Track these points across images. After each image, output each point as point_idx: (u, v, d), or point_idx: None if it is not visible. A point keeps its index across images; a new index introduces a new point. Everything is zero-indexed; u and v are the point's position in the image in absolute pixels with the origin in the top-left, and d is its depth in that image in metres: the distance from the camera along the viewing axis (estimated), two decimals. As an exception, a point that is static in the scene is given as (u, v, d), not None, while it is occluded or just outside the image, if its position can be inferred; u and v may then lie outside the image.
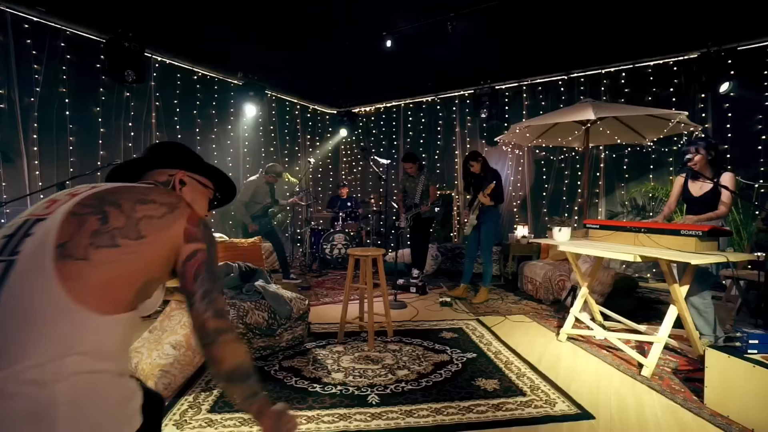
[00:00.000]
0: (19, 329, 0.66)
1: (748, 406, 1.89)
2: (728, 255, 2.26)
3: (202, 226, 0.92)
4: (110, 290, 0.75)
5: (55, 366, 0.65)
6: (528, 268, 4.65)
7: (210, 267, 0.89)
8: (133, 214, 0.81)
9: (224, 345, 0.84)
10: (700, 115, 5.13)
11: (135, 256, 0.79)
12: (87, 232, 0.75)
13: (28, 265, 0.71)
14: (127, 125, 5.08)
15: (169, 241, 0.85)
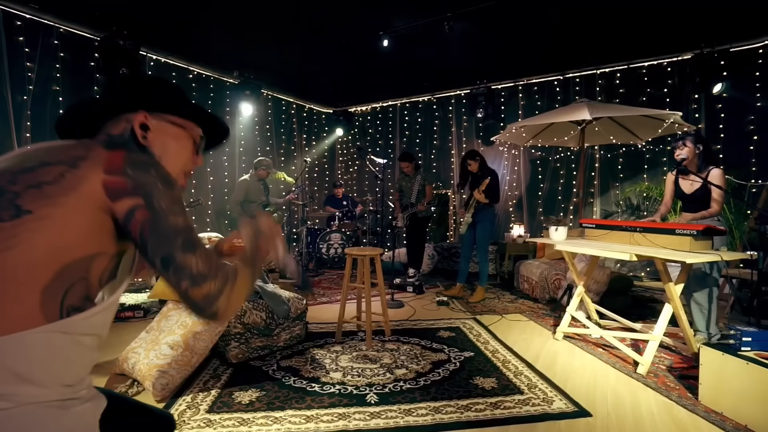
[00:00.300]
0: None
1: (741, 402, 1.92)
2: (722, 254, 2.29)
3: (130, 172, 0.66)
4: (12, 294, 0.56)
5: None
6: (524, 267, 4.68)
7: (157, 226, 0.65)
8: (13, 188, 0.60)
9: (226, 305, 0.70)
10: (694, 116, 5.19)
11: (17, 239, 0.57)
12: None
13: None
14: (122, 124, 5.03)
15: (79, 206, 0.63)
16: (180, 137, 0.86)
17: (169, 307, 2.56)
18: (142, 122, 0.80)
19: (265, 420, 1.91)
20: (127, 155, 0.69)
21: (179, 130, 0.86)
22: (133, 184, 0.66)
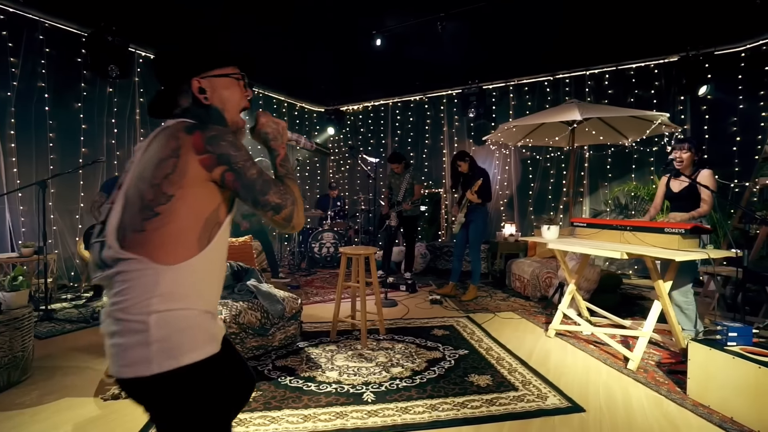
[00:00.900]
0: (122, 282, 0.88)
1: (727, 395, 1.98)
2: (709, 252, 2.36)
3: (209, 146, 0.91)
4: (167, 247, 0.88)
5: (144, 305, 0.86)
6: (516, 266, 4.74)
7: (243, 179, 0.93)
8: (155, 182, 0.89)
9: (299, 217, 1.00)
10: (680, 117, 5.31)
11: (175, 214, 0.89)
12: (135, 212, 0.90)
13: (109, 238, 0.91)
14: (110, 122, 4.95)
15: (196, 182, 0.90)
16: (228, 85, 1.06)
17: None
18: (198, 87, 1.01)
19: (262, 420, 1.91)
20: (202, 135, 0.91)
21: (225, 80, 1.05)
22: (215, 156, 0.91)
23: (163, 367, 0.85)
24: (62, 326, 3.29)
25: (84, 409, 2.02)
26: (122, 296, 0.87)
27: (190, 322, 0.90)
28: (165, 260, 0.88)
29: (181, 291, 0.89)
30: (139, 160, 0.95)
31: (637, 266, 5.57)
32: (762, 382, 1.84)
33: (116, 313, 0.87)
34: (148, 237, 0.88)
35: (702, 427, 1.87)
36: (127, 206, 0.92)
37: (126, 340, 0.85)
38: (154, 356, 0.85)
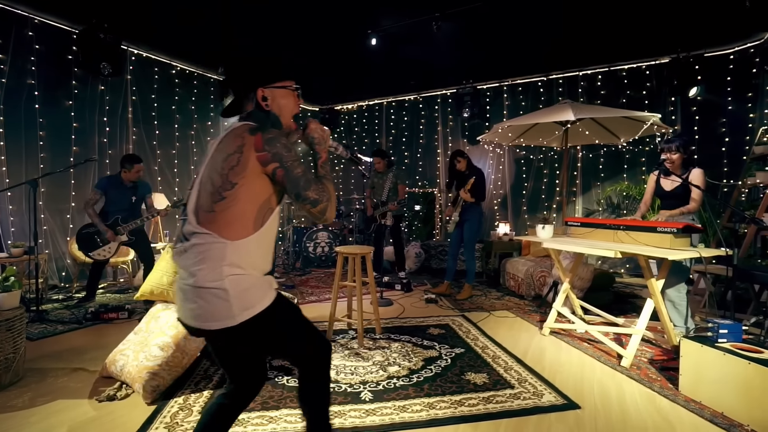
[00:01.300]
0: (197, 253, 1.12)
1: (718, 391, 2.02)
2: (700, 250, 2.40)
3: (267, 146, 1.15)
4: (232, 226, 1.13)
5: (218, 273, 1.10)
6: (510, 265, 4.77)
7: (290, 176, 1.17)
8: (223, 172, 1.14)
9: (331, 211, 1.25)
10: (670, 118, 5.39)
11: (237, 199, 1.13)
12: (208, 194, 1.15)
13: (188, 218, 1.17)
14: (102, 120, 4.89)
15: (254, 174, 1.14)
16: (286, 95, 1.30)
17: (158, 308, 2.51)
18: (262, 95, 1.26)
19: (260, 420, 1.90)
20: (262, 137, 1.15)
21: (283, 90, 1.30)
22: (270, 155, 1.15)
23: (244, 317, 1.12)
24: (54, 327, 3.24)
25: (78, 410, 2.00)
26: (198, 266, 1.11)
27: (252, 282, 1.16)
28: (229, 236, 1.12)
29: (242, 261, 1.13)
30: (212, 155, 1.19)
31: (629, 264, 5.65)
32: (751, 378, 1.88)
33: (196, 283, 1.11)
34: (216, 216, 1.13)
35: (694, 423, 1.91)
36: (201, 191, 1.17)
37: (209, 302, 1.10)
38: (236, 311, 1.11)
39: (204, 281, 1.09)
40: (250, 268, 1.15)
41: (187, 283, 1.12)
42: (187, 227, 1.15)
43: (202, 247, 1.11)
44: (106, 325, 3.34)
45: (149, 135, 5.38)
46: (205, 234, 1.12)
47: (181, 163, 5.81)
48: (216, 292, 1.09)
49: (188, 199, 1.20)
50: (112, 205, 3.78)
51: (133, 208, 3.88)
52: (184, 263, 1.14)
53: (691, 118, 5.35)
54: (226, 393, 1.31)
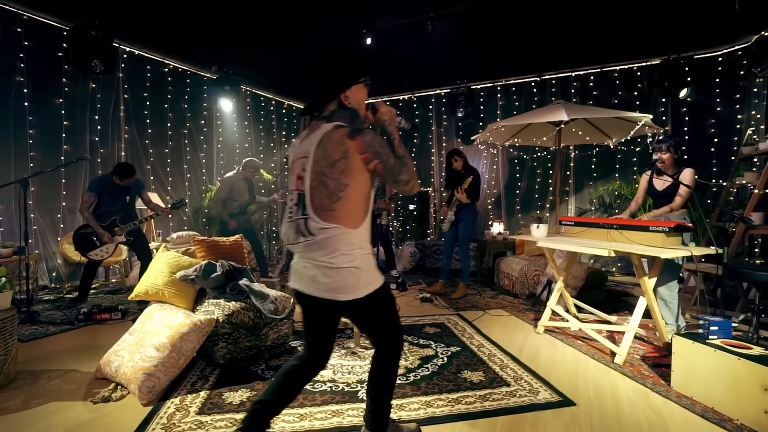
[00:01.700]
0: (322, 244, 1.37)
1: (709, 386, 2.06)
2: (692, 249, 2.44)
3: (368, 149, 1.35)
4: (351, 217, 1.37)
5: (349, 256, 1.37)
6: (504, 264, 4.81)
7: (387, 167, 1.39)
8: (333, 176, 1.34)
9: (417, 186, 1.49)
10: (661, 119, 5.47)
11: (350, 196, 1.36)
12: (325, 196, 1.36)
13: (311, 218, 1.38)
14: (93, 118, 4.83)
15: (359, 172, 1.36)
16: (360, 89, 1.48)
17: (153, 308, 2.50)
18: (345, 95, 1.44)
19: (258, 420, 1.90)
20: (361, 140, 1.34)
21: (360, 86, 1.47)
22: (372, 154, 1.36)
23: (368, 291, 1.41)
24: (45, 329, 3.20)
25: (73, 412, 1.98)
26: (333, 253, 1.36)
27: (371, 262, 1.44)
28: (351, 225, 1.38)
29: (363, 243, 1.42)
30: (314, 161, 1.36)
31: (620, 263, 5.72)
32: (741, 374, 1.92)
33: (331, 265, 1.35)
34: (337, 213, 1.36)
35: (686, 418, 1.95)
36: (314, 194, 1.37)
37: (344, 277, 1.36)
38: (362, 285, 1.40)
39: (341, 263, 1.36)
40: (368, 248, 1.44)
41: (319, 265, 1.37)
42: (313, 224, 1.37)
43: (332, 239, 1.35)
44: (99, 326, 3.31)
45: (141, 134, 5.32)
46: (332, 228, 1.35)
47: (173, 163, 5.76)
48: (351, 270, 1.37)
49: (297, 203, 1.42)
50: (107, 207, 3.75)
51: (128, 207, 3.85)
52: (314, 253, 1.38)
53: (681, 119, 5.44)
54: (301, 360, 1.55)
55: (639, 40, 5.00)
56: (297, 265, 1.45)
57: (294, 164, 1.45)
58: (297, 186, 1.40)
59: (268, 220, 7.00)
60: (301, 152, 1.42)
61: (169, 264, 2.67)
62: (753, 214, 3.78)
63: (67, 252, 4.27)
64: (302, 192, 1.38)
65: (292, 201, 1.44)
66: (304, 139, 1.45)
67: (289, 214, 1.44)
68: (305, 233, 1.38)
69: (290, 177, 1.48)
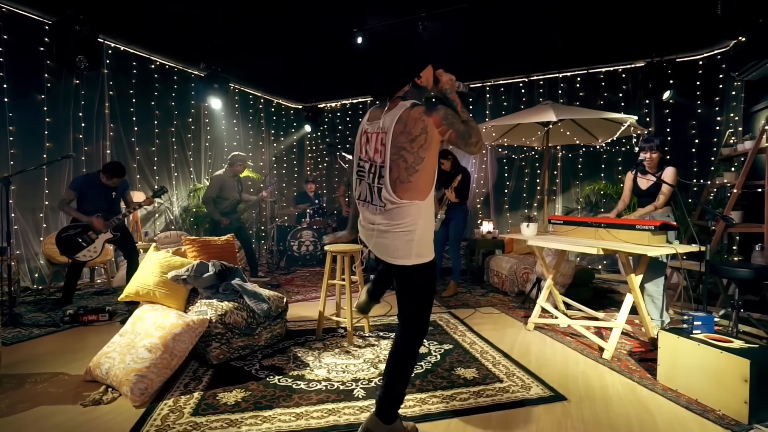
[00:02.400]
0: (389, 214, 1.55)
1: (693, 379, 2.14)
2: (677, 247, 2.52)
3: (442, 120, 1.49)
4: (422, 188, 1.54)
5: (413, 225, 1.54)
6: (494, 262, 4.87)
7: (458, 133, 1.52)
8: (413, 151, 1.49)
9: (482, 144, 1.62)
10: (645, 120, 5.61)
11: (425, 168, 1.51)
12: (403, 169, 1.51)
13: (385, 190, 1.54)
14: (77, 115, 4.71)
15: (435, 145, 1.52)
16: (429, 69, 1.62)
17: (144, 308, 2.46)
18: (414, 82, 1.59)
19: (254, 420, 1.89)
20: (437, 115, 1.49)
21: (429, 66, 1.62)
22: (446, 126, 1.51)
23: (416, 261, 1.56)
24: (29, 331, 3.12)
25: (63, 416, 1.94)
26: (400, 220, 1.53)
27: (428, 235, 1.59)
28: (420, 198, 1.54)
29: (429, 215, 1.58)
30: (393, 138, 1.50)
31: (606, 261, 5.85)
32: (723, 366, 1.99)
33: (395, 228, 1.54)
34: (412, 185, 1.52)
35: (671, 410, 2.02)
36: (393, 167, 1.52)
37: (400, 243, 1.54)
38: (413, 255, 1.55)
39: (400, 230, 1.53)
40: (431, 218, 1.60)
41: (385, 228, 1.56)
42: (386, 195, 1.53)
43: (403, 209, 1.52)
44: (86, 327, 3.24)
45: (127, 131, 5.21)
46: (403, 203, 1.52)
47: (160, 161, 5.66)
48: (408, 239, 1.53)
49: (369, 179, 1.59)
50: (91, 204, 3.65)
51: (112, 205, 3.76)
52: (380, 217, 1.57)
53: (664, 120, 5.59)
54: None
55: (624, 42, 5.12)
56: (363, 221, 1.68)
57: (370, 136, 1.59)
58: (373, 158, 1.57)
59: (257, 219, 6.93)
60: (379, 127, 1.56)
61: (160, 264, 2.64)
62: (732, 212, 3.91)
63: (50, 252, 4.17)
64: (377, 163, 1.56)
65: (366, 167, 1.62)
66: (381, 115, 1.58)
67: (360, 175, 1.64)
68: (377, 201, 1.57)
69: (363, 146, 1.63)
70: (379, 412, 1.65)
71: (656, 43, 5.08)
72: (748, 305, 3.34)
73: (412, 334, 1.67)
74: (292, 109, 8.20)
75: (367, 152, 1.60)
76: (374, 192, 1.56)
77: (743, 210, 4.07)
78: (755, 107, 4.60)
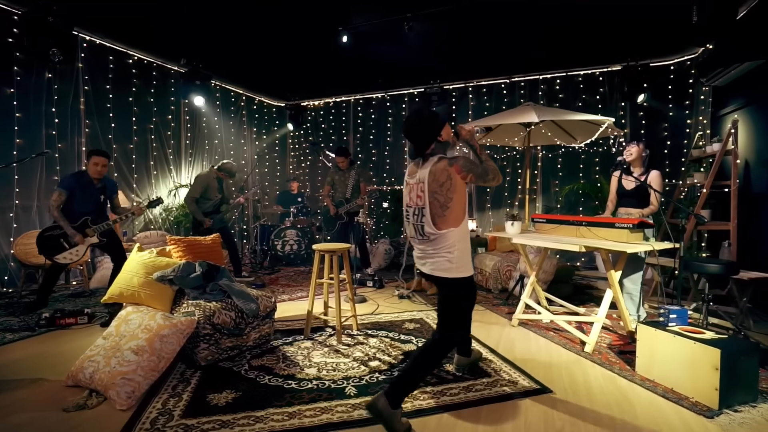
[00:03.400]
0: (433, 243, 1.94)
1: (668, 369, 2.25)
2: (653, 244, 2.65)
3: (462, 168, 1.87)
4: (456, 218, 1.91)
5: (453, 247, 1.91)
6: (477, 260, 4.96)
7: (477, 175, 1.91)
8: (443, 193, 1.88)
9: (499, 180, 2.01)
10: (621, 122, 5.82)
11: (455, 205, 1.89)
12: (438, 207, 1.90)
13: (427, 225, 1.92)
14: (50, 110, 4.52)
15: (460, 187, 1.89)
16: (446, 128, 2.00)
17: (128, 310, 2.40)
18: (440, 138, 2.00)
19: (246, 420, 1.88)
20: (458, 165, 1.86)
21: (445, 127, 2.00)
22: (465, 172, 1.88)
23: (457, 275, 1.93)
24: (2, 336, 2.98)
25: (46, 423, 1.87)
26: (442, 244, 1.91)
27: (466, 254, 1.95)
28: (455, 226, 1.91)
29: (463, 236, 1.95)
30: (429, 186, 1.89)
31: (584, 258, 6.04)
32: (696, 356, 2.11)
33: (440, 252, 1.92)
34: (447, 218, 1.90)
35: (649, 398, 2.12)
36: (431, 207, 1.90)
37: (443, 261, 1.92)
38: (454, 269, 1.92)
39: (443, 252, 1.91)
40: (466, 239, 1.96)
41: (432, 252, 1.94)
42: (427, 229, 1.92)
43: (444, 237, 1.91)
44: (64, 331, 3.12)
45: (104, 128, 5.04)
46: (441, 232, 1.90)
47: (139, 159, 5.50)
48: (449, 258, 1.91)
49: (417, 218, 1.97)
50: (79, 206, 3.49)
51: (101, 208, 3.63)
52: (427, 246, 1.96)
53: (639, 122, 5.81)
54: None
55: (601, 46, 5.29)
56: (417, 253, 2.06)
57: (411, 186, 2.01)
58: (416, 202, 1.97)
59: (240, 218, 6.82)
60: (417, 179, 1.97)
61: (145, 264, 2.58)
62: (702, 211, 4.11)
63: (22, 253, 3.99)
64: (419, 206, 1.95)
65: (410, 210, 2.02)
66: (417, 169, 2.00)
67: (406, 218, 2.05)
68: (422, 234, 1.96)
69: (407, 195, 2.06)
70: (389, 394, 1.80)
71: (632, 48, 5.28)
72: (716, 299, 3.52)
73: (446, 337, 1.95)
74: (274, 107, 8.10)
75: (411, 199, 2.01)
76: (418, 229, 1.97)
77: (711, 209, 4.29)
78: (722, 111, 4.85)
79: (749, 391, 2.10)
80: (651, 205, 3.16)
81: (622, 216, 3.30)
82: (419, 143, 1.98)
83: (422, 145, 1.98)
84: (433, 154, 1.97)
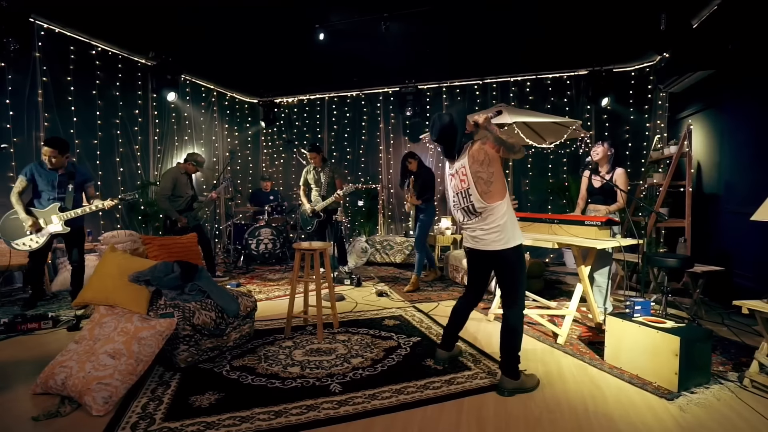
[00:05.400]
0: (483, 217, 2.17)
1: (633, 357, 2.41)
2: (620, 240, 2.82)
3: (494, 143, 2.08)
4: (499, 191, 2.11)
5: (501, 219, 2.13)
6: (453, 257, 5.08)
7: (506, 147, 2.07)
8: (484, 170, 2.09)
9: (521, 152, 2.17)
10: (587, 124, 6.10)
11: (497, 178, 2.09)
12: (483, 183, 2.09)
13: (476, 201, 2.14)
14: (4, 102, 4.23)
15: (496, 160, 2.09)
16: (468, 123, 2.18)
17: (102, 313, 2.31)
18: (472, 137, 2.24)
19: (232, 420, 1.87)
20: (490, 143, 2.10)
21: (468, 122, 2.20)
22: (498, 146, 2.09)
23: (510, 245, 2.14)
24: (-44, 343, 2.79)
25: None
26: (492, 218, 2.12)
27: (513, 222, 2.15)
28: (500, 198, 2.11)
29: (508, 208, 2.14)
30: (471, 168, 2.11)
31: (552, 254, 6.31)
32: (657, 344, 2.27)
33: (490, 225, 2.13)
34: (492, 193, 2.10)
35: (617, 385, 2.27)
36: (477, 185, 2.09)
37: (496, 235, 2.13)
38: (504, 242, 2.13)
39: (493, 226, 2.12)
40: (510, 210, 2.16)
41: (483, 228, 2.16)
42: (477, 205, 2.13)
43: (492, 210, 2.11)
44: (26, 336, 2.95)
45: (65, 122, 4.76)
46: (490, 206, 2.11)
47: (104, 155, 5.24)
48: (499, 230, 2.12)
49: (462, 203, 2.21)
50: (42, 192, 3.36)
51: (72, 196, 3.48)
52: (479, 224, 2.17)
53: (603, 125, 6.12)
54: (465, 296, 2.48)
55: (570, 51, 5.53)
56: (467, 232, 2.28)
57: (454, 175, 2.22)
58: (461, 187, 2.18)
59: (212, 217, 6.64)
60: (458, 167, 2.18)
61: (119, 265, 2.48)
62: (661, 209, 4.40)
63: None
64: (465, 189, 2.15)
65: (458, 197, 2.23)
66: (455, 161, 2.21)
67: (455, 206, 2.28)
68: (473, 213, 2.17)
69: (451, 183, 2.27)
70: (506, 373, 2.15)
71: (597, 53, 5.55)
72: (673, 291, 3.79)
73: (514, 310, 2.19)
74: (247, 103, 7.92)
75: (456, 185, 2.22)
76: (469, 209, 2.17)
77: (669, 207, 4.60)
78: (679, 115, 5.19)
79: (704, 374, 2.29)
80: (617, 201, 3.37)
81: (590, 213, 3.49)
82: (450, 144, 2.20)
83: (453, 145, 2.20)
84: (468, 140, 2.22)
